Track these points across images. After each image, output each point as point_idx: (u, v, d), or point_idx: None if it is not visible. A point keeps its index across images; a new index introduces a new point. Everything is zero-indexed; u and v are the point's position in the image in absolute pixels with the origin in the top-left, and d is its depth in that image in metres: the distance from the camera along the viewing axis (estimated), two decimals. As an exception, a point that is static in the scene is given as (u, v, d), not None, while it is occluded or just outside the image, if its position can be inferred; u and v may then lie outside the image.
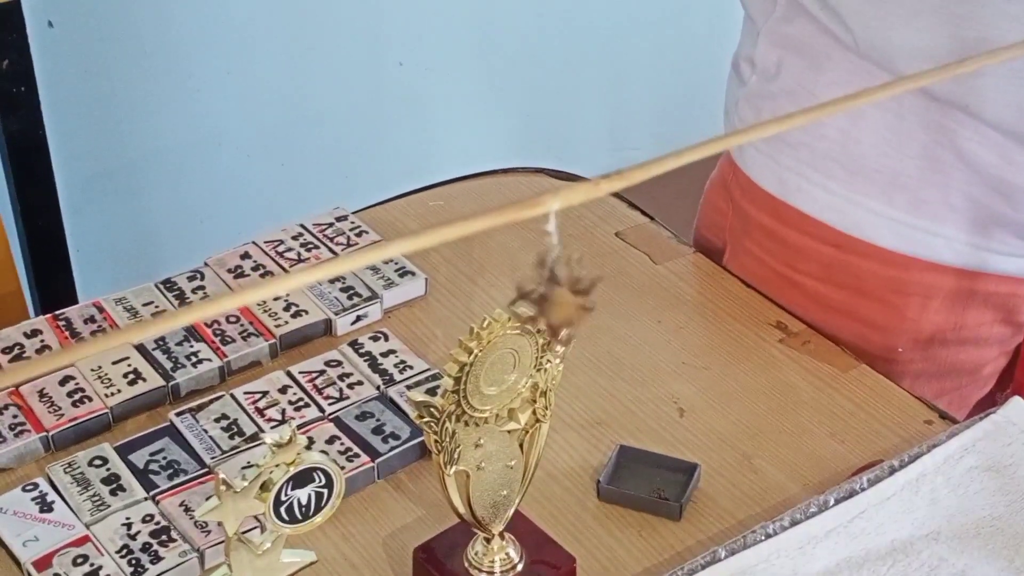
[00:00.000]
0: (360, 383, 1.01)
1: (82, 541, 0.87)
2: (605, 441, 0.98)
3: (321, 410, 0.98)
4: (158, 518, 0.89)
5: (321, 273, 0.33)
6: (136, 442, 0.95)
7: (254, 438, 0.95)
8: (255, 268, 1.12)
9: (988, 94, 0.99)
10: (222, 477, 0.76)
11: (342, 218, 1.18)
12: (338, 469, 0.80)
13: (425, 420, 0.77)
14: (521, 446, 0.82)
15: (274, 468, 0.77)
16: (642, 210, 1.24)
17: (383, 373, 1.01)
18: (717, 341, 1.09)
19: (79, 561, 0.86)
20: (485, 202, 1.24)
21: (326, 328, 1.07)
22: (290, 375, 1.01)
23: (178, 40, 2.10)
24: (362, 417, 0.98)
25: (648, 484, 0.94)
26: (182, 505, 0.90)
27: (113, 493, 0.91)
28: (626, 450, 0.96)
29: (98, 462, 0.93)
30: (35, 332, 1.04)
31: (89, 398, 0.98)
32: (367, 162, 2.39)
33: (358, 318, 1.08)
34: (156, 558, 0.86)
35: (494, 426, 0.80)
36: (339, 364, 1.02)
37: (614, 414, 1.01)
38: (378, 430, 0.97)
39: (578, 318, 0.41)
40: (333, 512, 0.81)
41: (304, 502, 0.79)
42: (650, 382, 1.04)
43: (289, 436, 0.76)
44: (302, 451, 0.78)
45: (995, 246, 1.06)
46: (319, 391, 1.00)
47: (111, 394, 0.99)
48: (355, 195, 1.32)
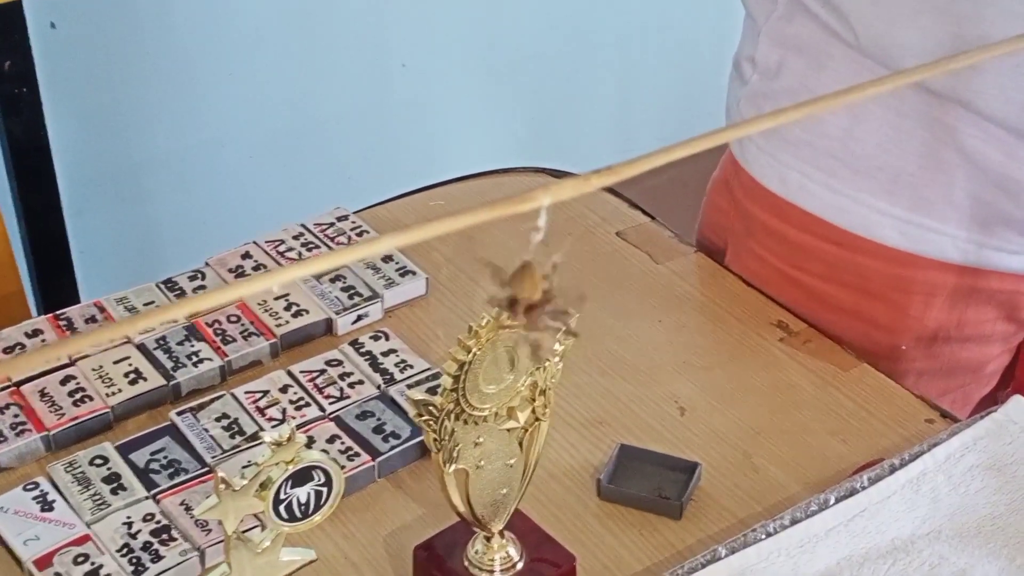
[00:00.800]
0: (361, 382, 1.01)
1: (83, 540, 0.87)
2: (606, 440, 0.98)
3: (322, 409, 0.98)
4: (159, 517, 0.89)
5: (312, 267, 0.33)
6: (137, 441, 0.95)
7: (255, 437, 0.95)
8: (256, 268, 1.12)
9: (990, 90, 0.99)
10: (221, 475, 0.76)
11: (343, 218, 1.18)
12: (337, 467, 0.80)
13: (424, 419, 0.77)
14: (521, 445, 0.82)
15: (273, 466, 0.77)
16: (643, 210, 1.24)
17: (384, 372, 1.01)
18: (718, 340, 1.09)
19: (80, 560, 0.86)
20: (485, 202, 1.24)
21: (327, 327, 1.07)
22: (291, 374, 1.01)
23: (180, 41, 2.10)
24: (363, 416, 0.98)
25: (649, 483, 0.94)
26: (183, 504, 0.90)
27: (114, 492, 0.91)
28: (627, 449, 0.96)
29: (99, 461, 0.93)
30: (36, 332, 1.04)
31: (90, 397, 0.98)
32: (370, 164, 2.39)
33: (359, 317, 1.08)
34: (157, 557, 0.86)
35: (493, 424, 0.80)
36: (340, 363, 1.02)
37: (615, 413, 1.01)
38: (378, 429, 0.97)
39: (547, 331, 0.40)
40: (333, 511, 0.81)
41: (303, 500, 0.79)
42: (651, 381, 1.04)
43: (288, 434, 0.76)
44: (301, 449, 0.78)
45: (998, 243, 1.06)
46: (320, 390, 1.00)
47: (112, 393, 0.99)
48: (358, 197, 1.31)
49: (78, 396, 0.98)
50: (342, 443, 0.95)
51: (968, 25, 0.96)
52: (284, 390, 1.00)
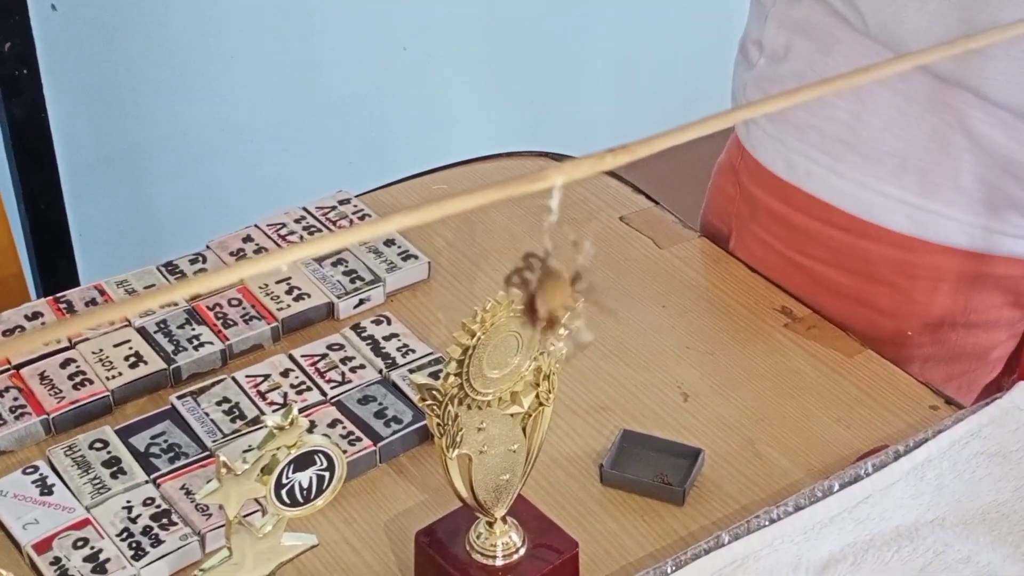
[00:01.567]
0: (362, 367, 1.00)
1: (82, 524, 0.87)
2: (608, 426, 0.98)
3: (323, 394, 0.98)
4: (159, 501, 0.89)
5: (312, 249, 0.32)
6: (137, 425, 0.95)
7: (255, 421, 0.95)
8: (257, 251, 1.12)
9: (997, 75, 0.98)
10: (223, 459, 0.75)
11: (345, 201, 1.17)
12: (340, 452, 0.79)
13: (427, 403, 0.76)
14: (524, 430, 0.82)
15: (275, 451, 0.77)
16: (647, 194, 1.23)
17: (385, 357, 1.01)
18: (722, 326, 1.08)
19: (79, 544, 0.86)
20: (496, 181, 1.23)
21: (328, 311, 1.07)
22: (292, 358, 1.01)
23: (182, 24, 2.09)
24: (364, 401, 0.97)
25: (652, 469, 0.93)
26: (183, 488, 0.90)
27: (114, 476, 0.90)
28: (630, 435, 0.95)
29: (99, 445, 0.93)
30: (36, 314, 1.04)
31: (90, 381, 0.98)
32: (371, 148, 2.38)
33: (361, 302, 1.07)
34: (157, 541, 0.86)
35: (497, 409, 0.79)
36: (341, 348, 1.02)
37: (618, 399, 1.00)
38: (380, 414, 0.96)
39: (565, 311, 0.39)
40: (335, 495, 0.80)
41: (305, 485, 0.79)
42: (654, 367, 1.04)
43: (290, 418, 0.76)
44: (303, 434, 0.77)
45: (1005, 228, 1.06)
46: (321, 375, 0.99)
47: (112, 377, 0.98)
48: (359, 181, 1.31)
49: (78, 379, 0.98)
50: (343, 428, 0.95)
51: (976, 9, 0.95)
52: (285, 374, 0.99)
